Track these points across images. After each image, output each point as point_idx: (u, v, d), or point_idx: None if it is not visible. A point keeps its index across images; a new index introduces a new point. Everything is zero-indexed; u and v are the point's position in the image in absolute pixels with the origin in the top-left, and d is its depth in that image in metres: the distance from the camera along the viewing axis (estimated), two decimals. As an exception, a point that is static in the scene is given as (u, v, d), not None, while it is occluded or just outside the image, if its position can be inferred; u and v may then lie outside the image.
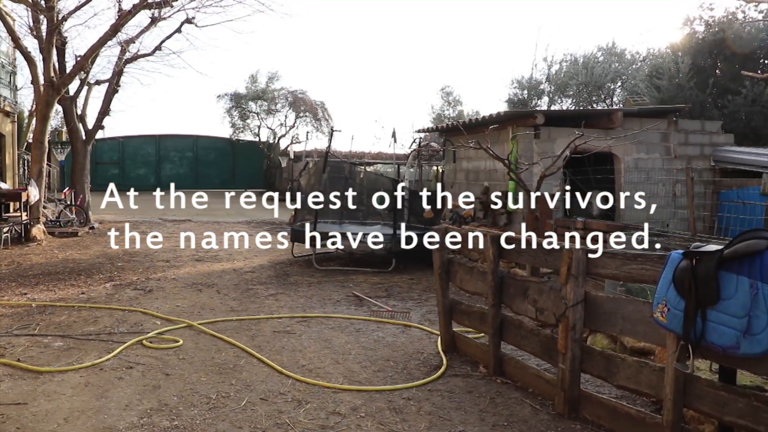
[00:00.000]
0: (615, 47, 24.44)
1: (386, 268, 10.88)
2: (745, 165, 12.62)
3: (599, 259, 4.51)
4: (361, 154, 29.62)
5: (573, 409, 4.68)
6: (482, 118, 13.56)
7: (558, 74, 24.56)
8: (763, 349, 3.33)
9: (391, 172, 21.74)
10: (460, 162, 15.30)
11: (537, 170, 10.44)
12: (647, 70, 18.47)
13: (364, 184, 12.86)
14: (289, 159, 29.46)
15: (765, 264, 3.35)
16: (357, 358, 6.04)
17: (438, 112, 32.89)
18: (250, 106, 32.45)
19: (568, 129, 11.64)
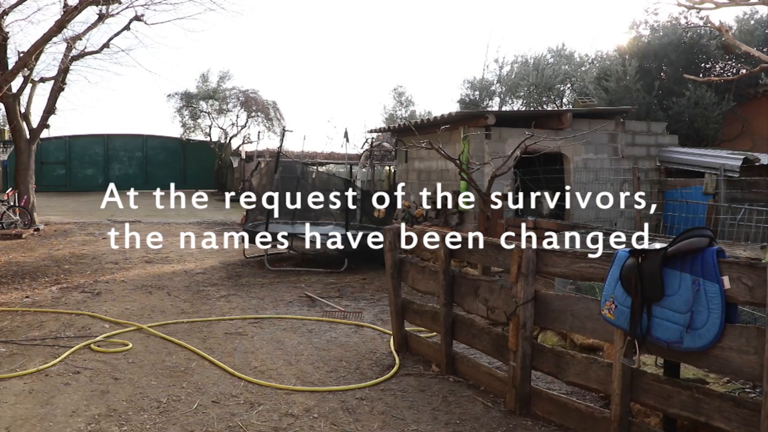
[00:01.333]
0: (565, 49, 24.82)
1: (339, 269, 10.86)
2: (689, 165, 12.96)
3: (549, 257, 4.57)
4: (313, 154, 29.49)
5: (524, 406, 4.73)
6: (434, 118, 13.64)
7: (509, 75, 24.83)
8: (704, 343, 3.43)
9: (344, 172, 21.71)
10: (412, 162, 15.36)
11: (488, 170, 10.54)
12: (596, 72, 18.81)
13: (316, 184, 12.80)
14: (241, 159, 29.17)
15: (706, 261, 3.46)
16: (310, 359, 6.01)
17: (390, 112, 32.97)
18: (200, 105, 31.98)
19: (518, 129, 11.79)
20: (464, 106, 24.98)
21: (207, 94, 31.59)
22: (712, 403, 3.51)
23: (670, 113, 16.10)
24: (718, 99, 15.96)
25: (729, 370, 3.47)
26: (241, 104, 31.50)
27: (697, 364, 3.67)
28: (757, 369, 3.26)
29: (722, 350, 3.42)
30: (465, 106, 24.77)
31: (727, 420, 3.42)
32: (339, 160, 26.96)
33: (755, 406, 3.29)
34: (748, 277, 3.31)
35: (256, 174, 13.14)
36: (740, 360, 3.35)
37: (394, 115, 32.21)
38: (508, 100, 24.88)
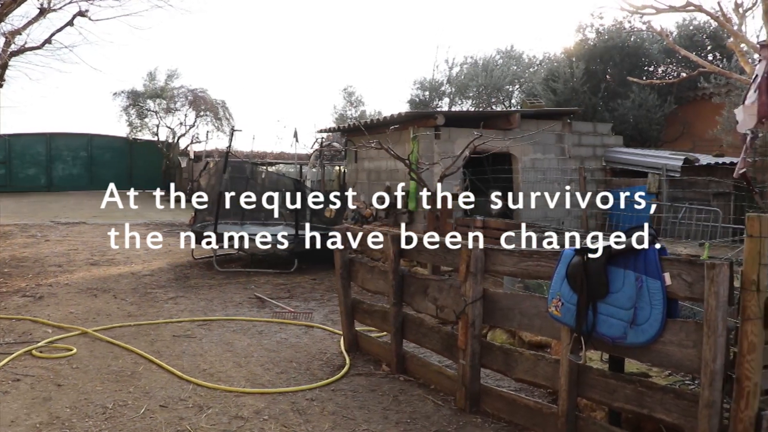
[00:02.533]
0: (513, 51, 25.16)
1: (288, 269, 10.79)
2: (633, 165, 13.27)
3: (497, 256, 4.63)
4: (263, 154, 29.19)
5: (474, 404, 4.78)
6: (384, 118, 13.67)
7: (459, 76, 25.03)
8: (647, 338, 3.52)
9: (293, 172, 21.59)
10: (362, 162, 15.37)
11: (437, 170, 10.61)
12: (544, 73, 19.11)
13: (265, 184, 12.70)
14: (189, 159, 28.73)
15: (649, 258, 3.55)
16: (259, 361, 5.96)
17: (340, 112, 32.87)
18: (148, 104, 31.38)
19: (467, 129, 11.89)
20: (414, 106, 25.10)
21: (154, 93, 31.04)
22: (654, 396, 3.60)
23: (616, 114, 16.46)
24: (660, 101, 16.39)
25: (670, 363, 3.57)
26: (190, 103, 31.04)
27: (641, 358, 3.76)
28: (695, 362, 3.36)
29: (664, 345, 3.51)
30: (415, 107, 24.88)
31: (668, 411, 3.51)
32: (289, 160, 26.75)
33: (694, 397, 3.39)
34: (688, 273, 3.40)
35: (205, 174, 12.97)
36: (680, 353, 3.45)
37: (345, 115, 32.14)
38: (457, 100, 25.08)
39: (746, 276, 3.23)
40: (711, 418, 3.27)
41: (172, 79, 31.59)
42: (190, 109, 31.23)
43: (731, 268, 3.27)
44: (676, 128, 16.96)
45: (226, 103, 31.85)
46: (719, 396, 3.28)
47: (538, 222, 10.99)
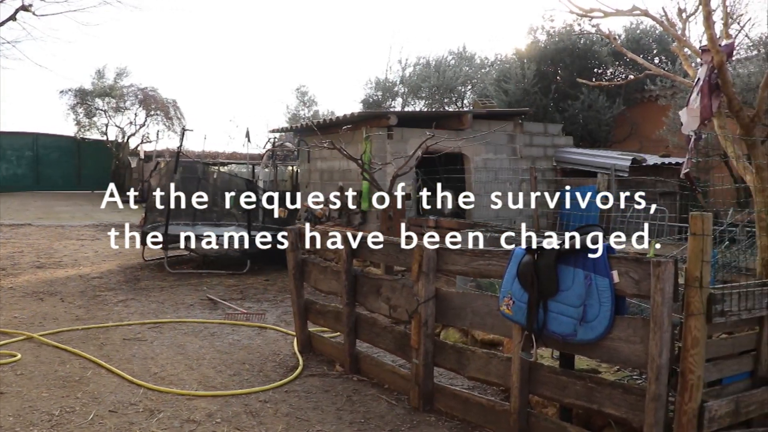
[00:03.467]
0: (466, 51, 25.33)
1: (241, 270, 10.70)
2: (583, 165, 13.50)
3: (449, 255, 4.66)
4: (214, 154, 28.88)
5: (428, 402, 4.80)
6: (337, 118, 13.65)
7: (411, 76, 25.11)
8: (596, 334, 3.58)
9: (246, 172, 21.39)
10: (314, 162, 15.32)
11: (390, 170, 10.63)
12: (495, 74, 19.29)
13: (217, 184, 12.56)
14: (140, 159, 28.29)
15: (597, 257, 3.61)
16: (212, 363, 5.89)
17: (293, 112, 32.70)
18: (96, 102, 30.73)
19: (420, 130, 11.95)
20: (367, 106, 25.10)
21: (103, 91, 30.42)
22: (603, 392, 3.67)
23: (566, 115, 16.72)
24: (609, 103, 16.71)
25: (618, 359, 3.65)
26: (140, 102, 30.53)
27: (590, 355, 3.83)
28: (642, 357, 3.44)
29: (612, 341, 3.58)
30: (368, 107, 24.89)
31: (617, 406, 3.59)
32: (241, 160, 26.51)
33: (641, 392, 3.47)
34: (635, 271, 3.48)
35: (156, 174, 12.76)
36: (628, 349, 3.52)
37: (297, 115, 31.98)
38: (410, 100, 25.16)
39: (690, 273, 3.31)
40: (657, 411, 3.35)
41: (121, 77, 31.03)
42: (140, 108, 30.73)
43: (676, 266, 3.36)
44: (625, 129, 17.32)
45: (177, 103, 31.45)
46: (665, 389, 3.36)
47: (491, 221, 11.10)
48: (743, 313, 3.50)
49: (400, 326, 5.37)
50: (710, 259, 3.35)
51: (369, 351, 5.82)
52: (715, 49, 4.55)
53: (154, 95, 30.69)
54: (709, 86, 4.72)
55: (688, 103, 4.88)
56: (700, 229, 3.29)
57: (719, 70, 4.61)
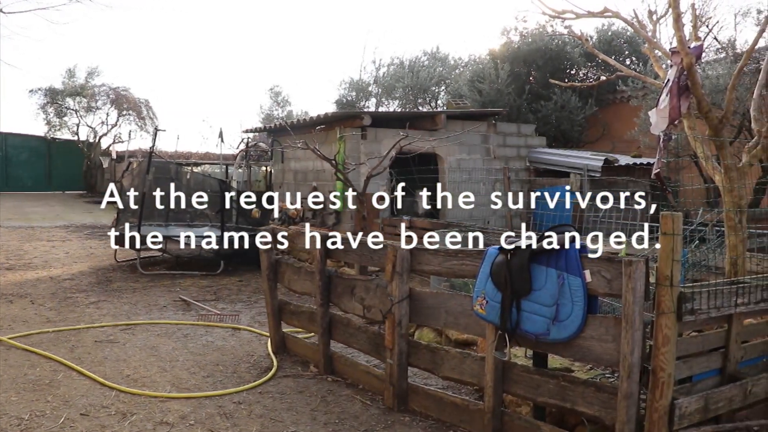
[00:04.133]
0: (439, 52, 25.38)
1: (214, 271, 10.63)
2: (556, 165, 13.60)
3: (423, 256, 4.67)
4: (188, 154, 28.65)
5: (402, 402, 4.81)
6: (311, 118, 13.61)
7: (385, 77, 25.12)
8: (569, 333, 3.61)
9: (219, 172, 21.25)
10: (288, 162, 15.26)
11: (364, 170, 10.62)
12: (469, 74, 19.35)
13: (191, 185, 12.46)
14: (112, 159, 27.95)
15: (570, 256, 3.64)
16: (185, 365, 5.84)
17: (267, 112, 32.55)
18: (67, 102, 30.30)
19: (394, 130, 11.95)
20: (341, 106, 25.06)
21: (74, 91, 30.01)
22: (576, 390, 3.71)
23: (539, 116, 16.83)
24: (581, 103, 16.85)
25: (591, 358, 3.68)
26: (112, 102, 30.17)
27: (563, 353, 3.86)
28: (614, 355, 3.47)
29: (585, 340, 3.62)
30: (342, 107, 24.85)
31: (590, 404, 3.62)
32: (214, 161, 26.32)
33: (613, 390, 3.51)
34: (607, 270, 3.51)
35: (128, 175, 12.60)
36: (601, 348, 3.56)
37: (271, 115, 31.84)
38: (384, 101, 25.17)
39: (661, 272, 3.35)
40: (629, 409, 3.39)
41: (92, 76, 30.64)
42: (112, 107, 30.37)
43: (647, 265, 3.40)
44: (597, 129, 17.47)
45: (149, 102, 31.12)
46: (636, 387, 3.40)
47: (465, 221, 11.14)
48: (712, 312, 3.55)
49: (375, 326, 5.37)
50: (681, 258, 3.39)
51: (343, 351, 5.81)
52: (685, 51, 4.61)
53: (126, 95, 30.36)
54: (678, 87, 4.78)
55: (658, 104, 4.94)
56: (671, 228, 3.33)
57: (688, 72, 4.67)
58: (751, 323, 4.11)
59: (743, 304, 3.72)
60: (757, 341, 4.17)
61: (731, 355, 3.88)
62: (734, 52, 12.84)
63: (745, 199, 5.00)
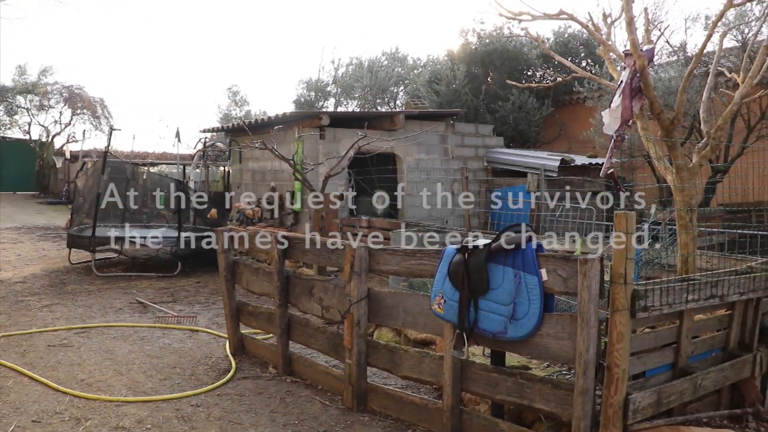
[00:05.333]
0: (398, 52, 25.45)
1: (172, 272, 10.50)
2: (514, 165, 13.72)
3: (381, 255, 4.68)
4: (144, 154, 28.19)
5: (361, 402, 4.81)
6: (269, 118, 13.52)
7: (344, 77, 25.09)
8: (526, 332, 3.66)
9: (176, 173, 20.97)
10: (246, 162, 15.14)
11: (322, 170, 10.59)
12: (427, 75, 19.43)
13: (147, 185, 12.30)
14: (65, 159, 27.41)
15: (526, 255, 3.69)
16: (142, 368, 5.76)
17: (225, 111, 32.25)
18: (18, 100, 29.60)
19: (352, 130, 11.94)
20: (299, 106, 24.95)
21: (25, 89, 29.32)
22: (533, 387, 3.75)
23: (497, 116, 16.98)
24: (538, 104, 17.04)
25: (548, 355, 3.73)
26: (65, 100, 29.55)
27: (521, 351, 3.90)
28: (571, 353, 3.52)
29: (542, 338, 3.66)
30: (300, 107, 24.74)
31: (547, 401, 3.67)
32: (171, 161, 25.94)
33: (569, 386, 3.56)
34: (563, 269, 3.56)
35: (82, 175, 12.38)
36: (557, 346, 3.61)
37: (229, 115, 31.54)
38: (343, 101, 25.14)
39: (615, 270, 3.41)
40: (585, 405, 3.44)
41: (45, 74, 29.98)
42: (65, 106, 29.75)
43: (602, 263, 3.46)
44: (554, 130, 17.69)
45: (104, 101, 30.59)
46: (592, 384, 3.46)
47: (423, 221, 11.19)
48: (665, 308, 3.62)
49: (333, 327, 5.37)
50: (634, 257, 3.46)
51: (302, 352, 5.79)
52: (637, 53, 4.69)
53: (81, 93, 29.77)
54: (631, 89, 4.86)
55: (611, 105, 5.02)
56: (624, 227, 3.39)
57: (641, 74, 4.76)
58: (701, 319, 4.21)
59: (694, 300, 3.81)
60: (707, 336, 4.27)
61: (683, 350, 3.97)
62: (685, 56, 13.15)
63: (695, 199, 5.11)
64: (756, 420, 4.24)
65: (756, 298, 4.35)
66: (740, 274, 4.28)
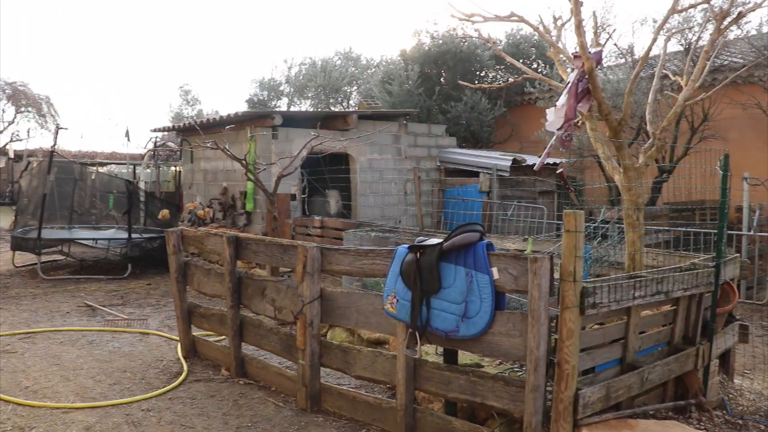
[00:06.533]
0: (352, 52, 25.45)
1: (122, 274, 10.31)
2: (466, 165, 13.85)
3: (333, 255, 4.67)
4: (92, 154, 27.63)
5: (315, 403, 4.80)
6: (221, 117, 13.38)
7: (297, 76, 24.99)
8: (478, 330, 3.69)
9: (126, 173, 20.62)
10: (198, 162, 14.96)
11: (275, 170, 10.53)
12: (381, 75, 19.47)
13: (96, 185, 12.06)
14: (9, 158, 26.70)
15: (477, 254, 3.72)
16: (90, 373, 5.64)
17: (176, 110, 31.78)
18: (-43, 97, 28.76)
19: (305, 130, 11.91)
20: (252, 105, 24.76)
21: (-35, 85, 28.46)
22: (485, 385, 3.79)
23: (449, 116, 17.10)
24: (491, 105, 17.23)
25: (499, 353, 3.77)
26: (8, 98, 28.77)
27: (473, 350, 3.93)
28: (522, 350, 3.57)
29: (493, 335, 3.70)
30: (253, 106, 24.55)
31: (499, 398, 3.71)
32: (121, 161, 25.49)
33: (521, 383, 3.61)
34: (514, 267, 3.61)
35: (27, 175, 12.08)
36: (508, 343, 3.65)
37: (181, 114, 31.09)
38: (296, 100, 25.04)
39: (564, 268, 3.47)
40: (536, 401, 3.49)
41: (-15, 70, 29.12)
42: (8, 103, 28.97)
43: (551, 261, 3.51)
44: (506, 130, 17.91)
45: (50, 99, 29.88)
46: (543, 380, 3.51)
47: (376, 221, 11.21)
48: (613, 305, 3.69)
49: (286, 328, 5.34)
50: (583, 255, 3.51)
51: (255, 354, 5.75)
52: (586, 55, 4.78)
53: (25, 90, 29.02)
54: (577, 89, 4.95)
55: (557, 104, 5.10)
56: (573, 225, 3.44)
57: (590, 76, 4.85)
58: (648, 314, 4.30)
59: (641, 296, 3.89)
60: (653, 331, 4.37)
61: (630, 346, 4.05)
62: (633, 58, 13.43)
63: (642, 198, 5.23)
64: (698, 410, 4.38)
65: (699, 293, 4.48)
66: (684, 270, 4.40)
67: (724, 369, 5.28)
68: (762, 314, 8.34)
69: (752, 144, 13.30)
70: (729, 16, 4.98)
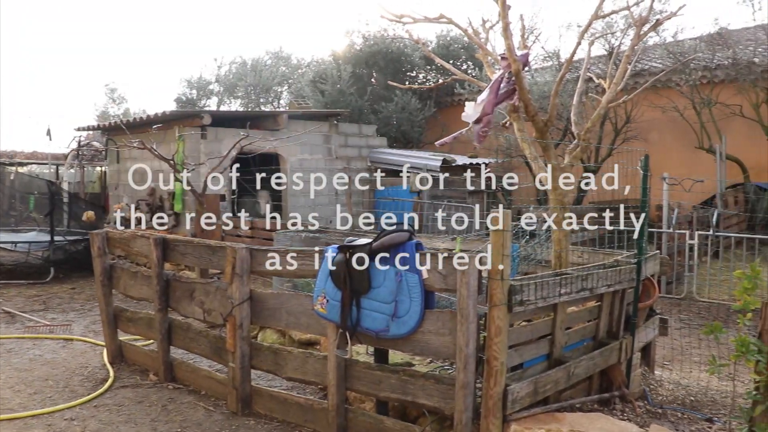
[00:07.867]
0: (282, 52, 25.30)
1: (44, 279, 9.98)
2: (397, 165, 13.92)
3: (262, 256, 4.63)
4: (12, 153, 26.63)
5: (246, 406, 4.75)
6: (148, 117, 13.09)
7: (227, 75, 24.70)
8: (408, 329, 3.72)
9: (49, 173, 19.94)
10: (125, 162, 14.58)
11: (204, 170, 10.37)
12: (312, 75, 19.41)
13: (15, 186, 11.63)
14: None
15: (407, 254, 3.74)
16: (8, 383, 5.42)
17: (102, 109, 30.92)
18: None
19: (235, 130, 11.78)
20: (181, 105, 24.32)
21: None
22: (416, 383, 3.82)
23: (380, 117, 17.17)
24: (421, 105, 17.38)
25: (430, 351, 3.81)
26: None
27: (403, 349, 3.96)
28: (451, 348, 3.62)
29: (423, 334, 3.74)
30: (182, 105, 24.11)
31: (430, 396, 3.75)
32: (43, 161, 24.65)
33: (451, 381, 3.66)
34: (443, 266, 3.64)
35: (-61, 176, 11.58)
36: (438, 341, 3.69)
37: (107, 113, 30.25)
38: (226, 100, 24.74)
39: (492, 266, 3.52)
40: (466, 398, 3.54)
41: None
42: None
43: (480, 260, 3.55)
44: (436, 130, 18.06)
45: (-35, 97, 28.69)
46: (473, 377, 3.56)
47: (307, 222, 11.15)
48: (540, 302, 3.77)
49: (216, 330, 5.27)
50: (510, 253, 3.58)
51: (185, 357, 5.66)
52: (513, 57, 4.86)
53: (-63, 88, 27.74)
54: (499, 86, 5.05)
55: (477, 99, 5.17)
56: (500, 224, 3.50)
57: (516, 77, 4.93)
58: (573, 311, 4.42)
59: (566, 293, 3.99)
60: (579, 327, 4.49)
61: (557, 341, 4.15)
62: (559, 61, 13.77)
63: (568, 197, 5.35)
64: (622, 402, 4.54)
65: (622, 289, 4.62)
66: (608, 267, 4.53)
67: (646, 361, 5.48)
68: (680, 308, 8.68)
69: (671, 145, 13.83)
70: (648, 22, 5.15)
